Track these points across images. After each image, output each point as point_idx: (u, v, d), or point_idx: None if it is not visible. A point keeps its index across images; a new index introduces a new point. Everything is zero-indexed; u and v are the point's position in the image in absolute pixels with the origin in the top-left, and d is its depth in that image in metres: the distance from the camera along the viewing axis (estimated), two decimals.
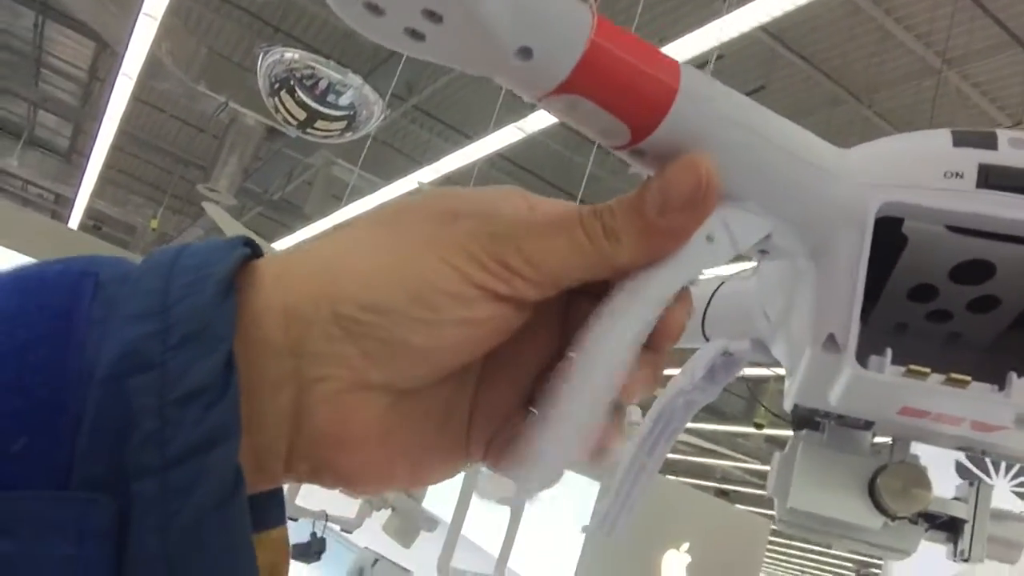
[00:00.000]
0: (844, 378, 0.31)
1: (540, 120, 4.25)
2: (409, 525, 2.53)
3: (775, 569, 17.07)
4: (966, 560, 0.40)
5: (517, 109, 4.30)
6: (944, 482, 0.42)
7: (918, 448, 0.40)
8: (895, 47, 4.53)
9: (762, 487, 11.68)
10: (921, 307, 0.35)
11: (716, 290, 0.55)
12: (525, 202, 0.28)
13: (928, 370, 0.30)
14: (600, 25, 0.27)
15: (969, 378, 0.30)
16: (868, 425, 0.38)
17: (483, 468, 0.29)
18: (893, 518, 0.39)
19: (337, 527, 2.64)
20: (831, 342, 0.31)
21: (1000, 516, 0.41)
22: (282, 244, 7.71)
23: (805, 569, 15.07)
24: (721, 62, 4.52)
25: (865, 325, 0.35)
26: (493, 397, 0.29)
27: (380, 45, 0.29)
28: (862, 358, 0.31)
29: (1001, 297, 0.33)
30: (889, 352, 0.31)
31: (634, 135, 0.28)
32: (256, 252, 0.26)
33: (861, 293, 0.30)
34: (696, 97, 0.28)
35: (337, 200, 6.66)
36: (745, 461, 10.08)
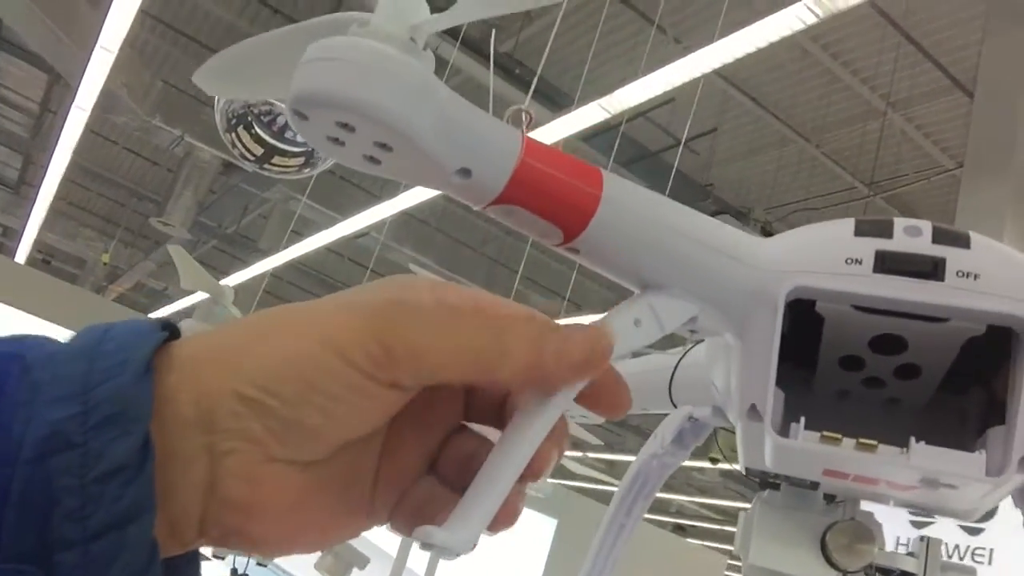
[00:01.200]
0: (766, 445, 0.34)
1: None
2: (341, 563, 2.52)
3: None
4: None
5: None
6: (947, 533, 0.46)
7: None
8: (842, 90, 4.67)
9: (718, 521, 11.77)
10: (855, 375, 0.38)
11: (681, 359, 0.57)
12: (431, 295, 0.29)
13: (839, 436, 0.33)
14: (528, 146, 0.32)
15: (876, 443, 0.32)
16: (815, 485, 0.40)
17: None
18: (844, 573, 0.42)
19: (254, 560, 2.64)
20: (753, 412, 0.34)
21: (949, 568, 0.43)
22: (237, 278, 7.62)
23: None
24: (674, 104, 4.62)
25: (810, 392, 0.39)
26: (398, 461, 0.31)
27: None
28: (792, 424, 0.34)
29: (920, 365, 0.36)
30: (803, 420, 0.34)
31: (566, 236, 0.33)
32: (174, 334, 0.28)
33: (775, 369, 0.33)
34: (618, 202, 0.33)
35: (294, 234, 6.62)
36: (701, 496, 10.13)
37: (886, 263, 0.33)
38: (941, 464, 0.31)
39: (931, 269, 0.32)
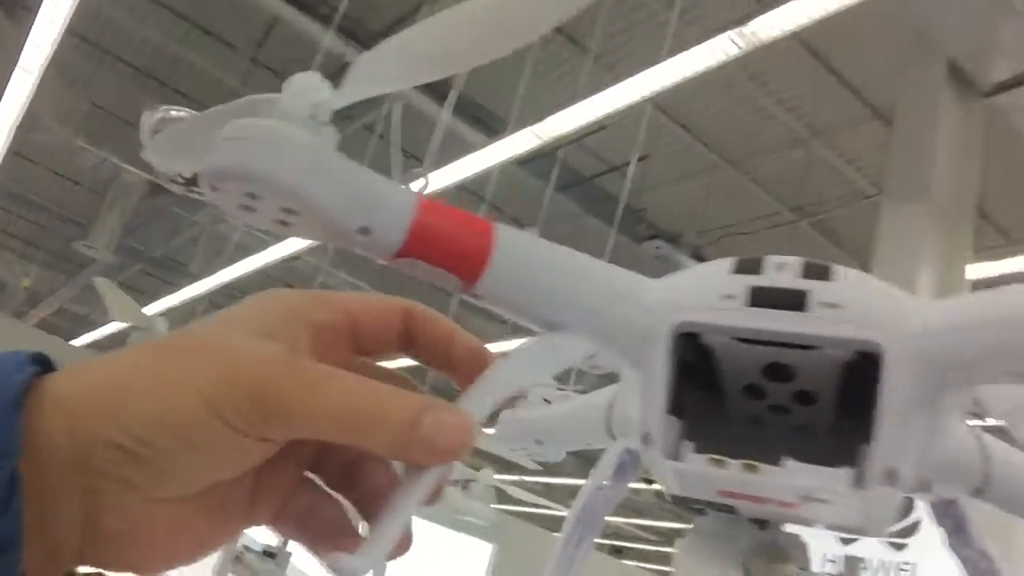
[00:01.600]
0: (659, 469, 0.38)
1: (436, 181, 4.28)
2: None
3: None
4: None
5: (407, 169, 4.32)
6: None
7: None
8: (768, 119, 4.82)
9: (654, 542, 11.84)
10: (760, 403, 0.41)
11: (617, 392, 0.58)
12: (304, 328, 0.31)
13: (723, 458, 0.36)
14: (423, 205, 0.36)
15: (758, 464, 0.35)
16: (730, 508, 0.42)
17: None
18: None
19: None
20: (647, 439, 0.37)
21: None
22: (166, 302, 7.44)
23: None
24: (606, 132, 4.71)
25: (724, 421, 0.42)
26: (275, 476, 0.32)
27: None
28: (681, 448, 0.37)
29: (813, 392, 0.38)
30: (691, 445, 0.37)
31: (464, 284, 0.36)
32: (48, 367, 0.28)
33: (663, 399, 0.37)
34: (510, 251, 0.36)
35: (225, 257, 6.50)
36: (638, 517, 10.20)
37: (756, 297, 0.36)
38: (808, 480, 0.34)
39: (796, 301, 0.35)
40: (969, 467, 0.47)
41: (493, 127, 4.52)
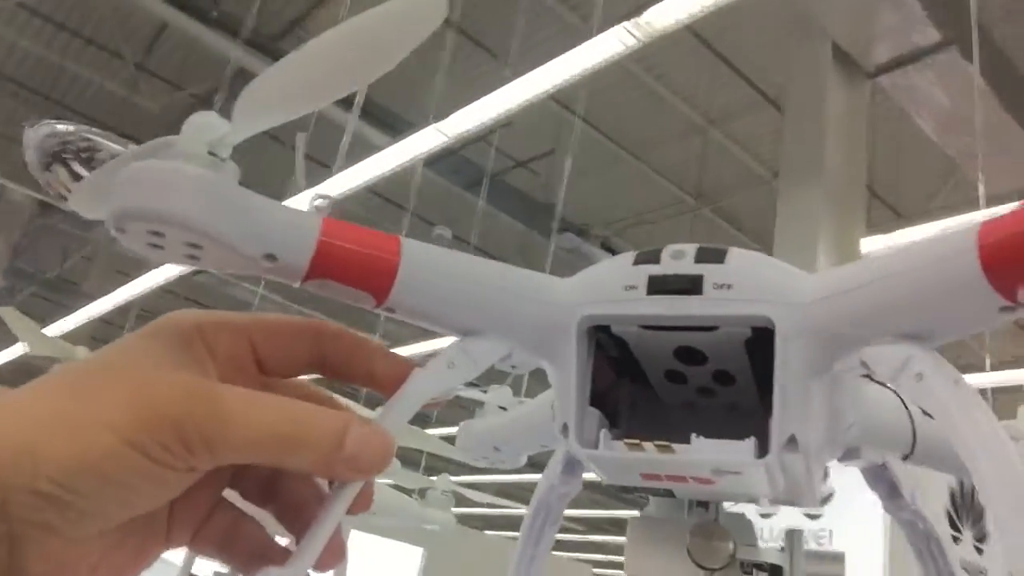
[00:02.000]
0: (582, 458, 0.39)
1: (341, 183, 4.23)
2: None
3: None
4: None
5: (316, 174, 4.26)
6: None
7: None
8: (666, 109, 4.94)
9: (580, 532, 12.00)
10: (686, 388, 0.43)
11: None
12: (210, 354, 0.32)
13: (639, 441, 0.37)
14: (327, 226, 0.36)
15: (671, 444, 0.37)
16: (669, 492, 0.43)
17: None
18: (712, 572, 0.46)
19: None
20: (565, 430, 0.39)
21: (819, 557, 0.47)
22: (61, 326, 7.11)
23: None
24: (511, 128, 4.73)
25: (660, 409, 0.44)
26: (192, 497, 0.31)
27: (165, 111, 0.33)
28: (600, 436, 0.38)
29: (728, 371, 0.40)
30: (604, 432, 0.38)
31: (377, 300, 0.37)
32: None
33: (575, 390, 0.38)
34: (416, 264, 0.38)
35: (123, 275, 6.25)
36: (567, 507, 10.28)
37: (654, 285, 0.37)
38: (714, 454, 0.36)
39: (691, 285, 0.37)
40: (897, 431, 0.50)
41: (398, 128, 4.48)
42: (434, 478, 3.53)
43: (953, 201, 4.59)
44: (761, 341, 0.36)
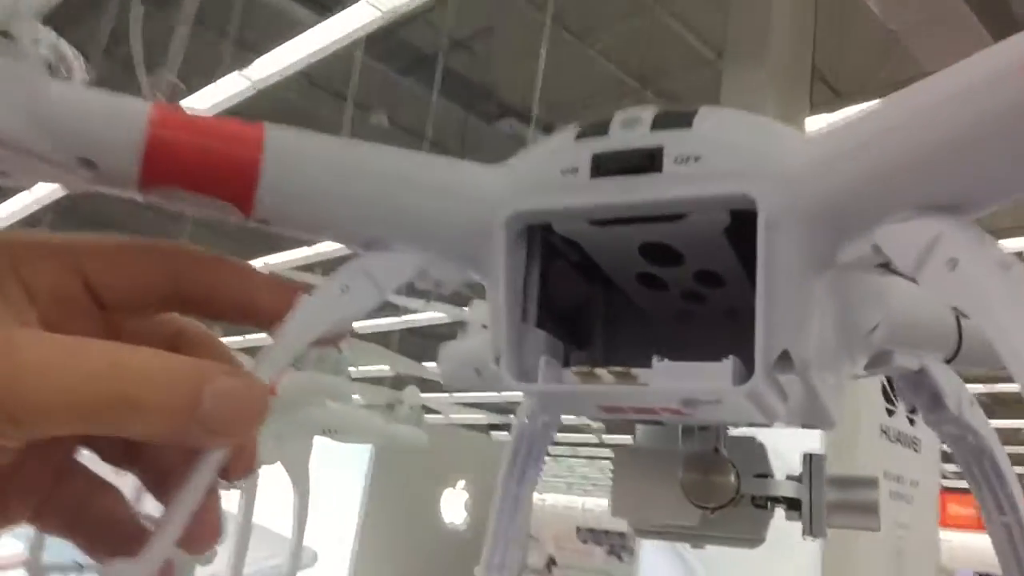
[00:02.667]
0: (513, 390, 0.32)
1: (270, 66, 4.01)
2: (183, 562, 2.43)
3: (544, 485, 18.10)
4: (812, 537, 0.38)
5: (243, 57, 4.04)
6: None
7: None
8: None
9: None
10: (669, 294, 0.35)
11: None
12: (15, 289, 0.25)
13: (589, 369, 0.31)
14: (159, 115, 0.28)
15: (628, 369, 0.30)
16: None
17: None
18: (712, 510, 0.38)
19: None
20: (499, 359, 0.31)
21: (846, 482, 0.39)
22: None
23: (573, 482, 16.15)
24: (448, 6, 4.53)
25: (644, 319, 0.37)
26: (30, 466, 0.26)
27: None
28: (541, 366, 0.31)
29: (712, 270, 0.33)
30: (545, 360, 0.31)
31: (241, 210, 0.30)
32: None
33: (505, 308, 0.31)
34: (287, 158, 0.30)
35: None
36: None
37: (601, 165, 0.29)
38: (683, 381, 0.29)
39: (647, 161, 0.29)
40: (936, 328, 0.40)
41: (326, 4, 4.25)
42: (399, 391, 3.44)
43: (895, 79, 4.58)
44: (747, 227, 0.28)
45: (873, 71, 4.90)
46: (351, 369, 2.95)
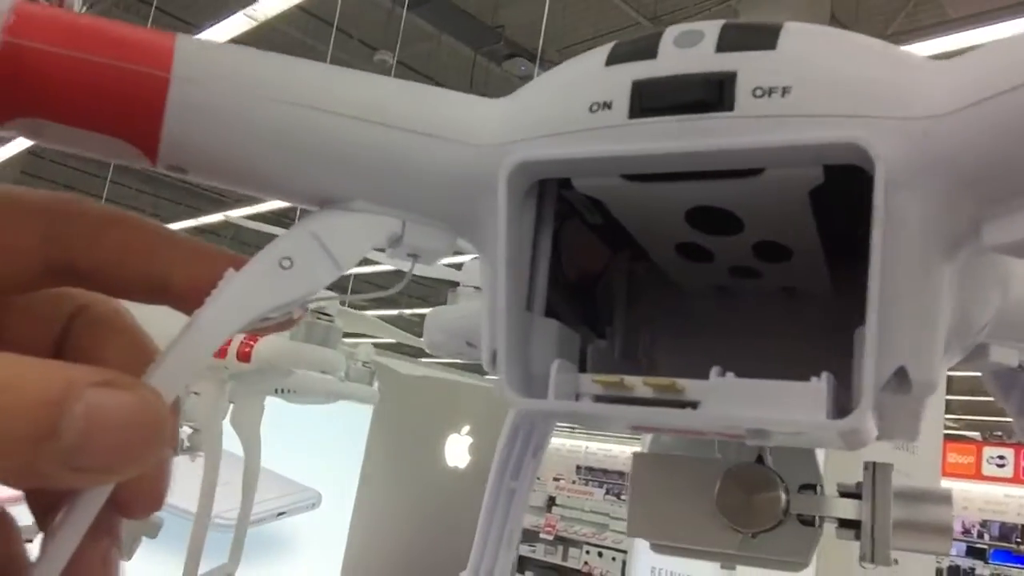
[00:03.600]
0: (515, 406, 0.24)
1: (274, 5, 3.90)
2: (128, 536, 2.41)
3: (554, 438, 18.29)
4: (872, 564, 0.31)
5: None
6: None
7: None
8: None
9: None
10: (714, 267, 0.28)
11: None
12: None
13: (617, 379, 0.23)
14: (20, 18, 0.20)
15: (675, 382, 0.23)
16: None
17: None
18: (751, 534, 0.31)
19: None
20: (493, 360, 0.24)
21: (915, 496, 0.32)
22: None
23: (575, 426, 16.28)
24: None
25: (679, 297, 0.29)
26: None
27: None
28: (559, 374, 0.24)
29: (780, 242, 0.26)
30: (558, 365, 0.23)
31: (144, 151, 0.22)
32: None
33: (505, 292, 0.23)
34: (205, 81, 0.22)
35: None
36: (425, 305, 10.43)
37: (646, 99, 0.21)
38: (752, 408, 0.21)
39: (714, 94, 0.21)
40: None
41: None
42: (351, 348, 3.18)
43: (918, 24, 4.45)
44: (837, 191, 0.22)
45: (894, 14, 4.76)
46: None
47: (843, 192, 0.22)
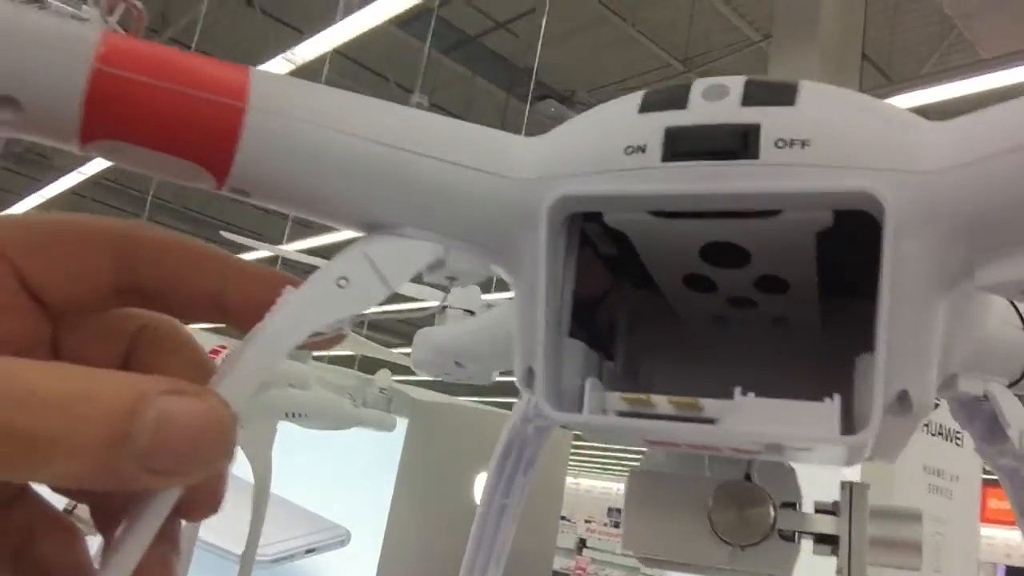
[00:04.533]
0: (552, 421, 0.27)
1: (312, 49, 4.01)
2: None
3: (580, 469, 18.15)
4: None
5: (284, 35, 4.04)
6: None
7: None
8: None
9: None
10: (715, 297, 0.30)
11: None
12: None
13: (645, 396, 0.25)
14: (113, 49, 0.22)
15: (694, 400, 0.25)
16: None
17: None
18: (741, 547, 0.33)
19: None
20: (529, 377, 0.26)
21: (888, 515, 0.34)
22: (31, 202, 6.94)
23: (607, 467, 16.14)
24: None
25: (677, 325, 0.32)
26: None
27: None
28: (590, 390, 0.26)
29: (781, 276, 0.28)
30: (591, 383, 0.26)
31: (214, 175, 0.24)
32: None
33: (545, 314, 0.25)
34: (277, 111, 0.24)
35: None
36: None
37: (678, 144, 0.24)
38: (775, 424, 0.24)
39: (740, 143, 0.23)
40: (1006, 349, 0.36)
41: None
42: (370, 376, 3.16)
43: (949, 64, 4.45)
44: (840, 234, 0.24)
45: (926, 56, 4.76)
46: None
47: (844, 234, 0.24)
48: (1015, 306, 0.36)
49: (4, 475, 0.17)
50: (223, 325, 0.25)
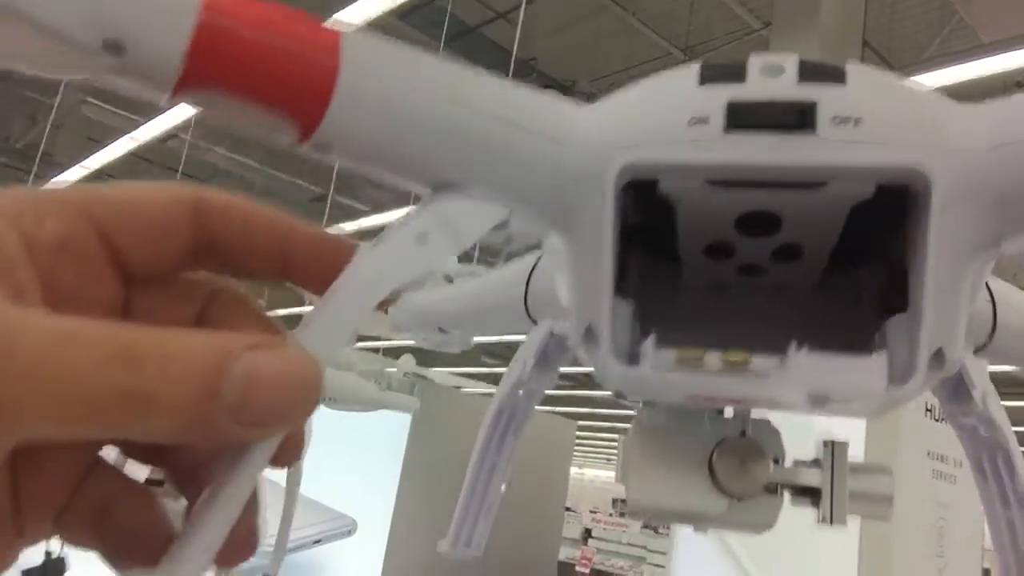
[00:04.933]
0: (611, 376, 0.28)
1: None
2: None
3: (584, 459, 18.22)
4: (831, 524, 0.36)
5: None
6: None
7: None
8: None
9: (566, 387, 12.27)
10: (727, 264, 0.32)
11: (535, 265, 0.48)
12: (24, 253, 0.20)
13: (701, 353, 0.27)
14: (213, 1, 0.23)
15: (746, 356, 0.26)
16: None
17: None
18: (739, 499, 0.36)
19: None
20: (590, 334, 0.27)
21: (863, 470, 0.37)
22: None
23: (611, 457, 16.20)
24: None
25: (676, 290, 0.33)
26: (46, 467, 0.23)
27: None
28: (642, 346, 0.28)
29: (801, 244, 0.30)
30: (652, 339, 0.27)
31: (303, 128, 0.24)
32: None
33: (610, 277, 0.27)
34: (368, 71, 0.25)
35: (94, 143, 6.06)
36: None
37: (740, 117, 0.25)
38: (829, 377, 0.26)
39: (799, 118, 0.25)
40: (975, 316, 0.38)
41: None
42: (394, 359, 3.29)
43: (950, 50, 4.44)
44: (878, 203, 0.26)
45: (927, 42, 4.76)
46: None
47: (867, 205, 0.26)
48: None
49: (109, 431, 0.18)
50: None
